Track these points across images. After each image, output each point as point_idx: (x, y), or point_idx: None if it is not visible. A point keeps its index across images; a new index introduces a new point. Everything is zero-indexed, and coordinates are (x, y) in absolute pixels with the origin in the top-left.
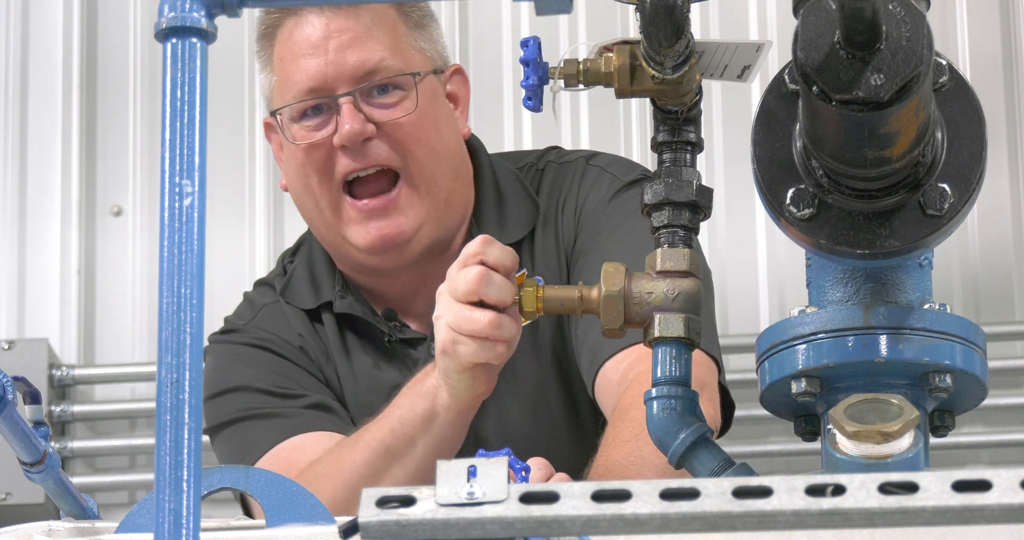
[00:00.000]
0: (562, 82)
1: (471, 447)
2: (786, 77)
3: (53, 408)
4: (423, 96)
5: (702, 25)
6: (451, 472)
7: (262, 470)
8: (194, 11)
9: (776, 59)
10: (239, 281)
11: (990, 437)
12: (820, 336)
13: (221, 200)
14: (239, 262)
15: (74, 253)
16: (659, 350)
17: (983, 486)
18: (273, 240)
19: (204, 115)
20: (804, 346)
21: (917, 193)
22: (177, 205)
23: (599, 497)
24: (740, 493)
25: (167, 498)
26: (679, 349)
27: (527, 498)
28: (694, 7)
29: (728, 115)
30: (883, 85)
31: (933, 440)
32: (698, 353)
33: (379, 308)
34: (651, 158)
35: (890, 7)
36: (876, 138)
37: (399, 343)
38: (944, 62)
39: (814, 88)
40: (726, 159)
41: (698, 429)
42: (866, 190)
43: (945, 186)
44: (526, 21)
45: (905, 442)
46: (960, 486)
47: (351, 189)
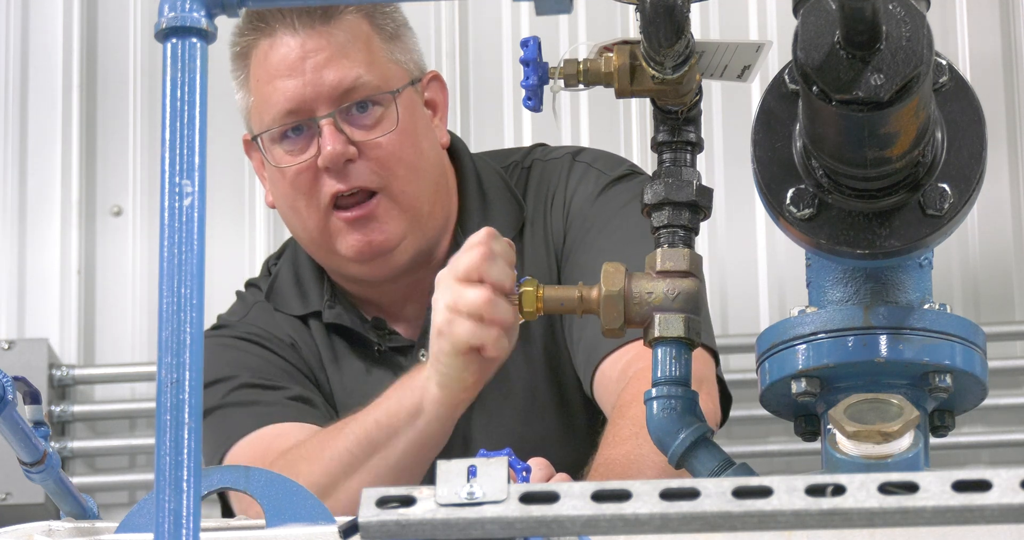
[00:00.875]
0: (562, 82)
1: (461, 451)
2: (786, 77)
3: (53, 408)
4: (402, 111)
5: (702, 25)
6: (451, 472)
7: (262, 470)
8: (194, 11)
9: (776, 59)
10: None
11: (990, 437)
12: (820, 336)
13: (221, 200)
14: (239, 262)
15: (74, 253)
16: (659, 350)
17: (983, 486)
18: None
19: (204, 115)
20: (804, 346)
21: (917, 193)
22: (177, 205)
23: (599, 497)
24: (740, 493)
25: (167, 498)
26: (679, 349)
27: (527, 498)
28: (694, 7)
29: (728, 115)
30: (883, 85)
31: (933, 440)
32: None
33: (368, 314)
34: (651, 158)
35: (890, 7)
36: (876, 138)
37: (389, 351)
38: (944, 62)
39: (814, 88)
40: (726, 159)
41: (698, 429)
42: (866, 190)
43: (945, 186)
44: (526, 21)
45: (905, 442)
46: (960, 486)
47: (336, 201)
